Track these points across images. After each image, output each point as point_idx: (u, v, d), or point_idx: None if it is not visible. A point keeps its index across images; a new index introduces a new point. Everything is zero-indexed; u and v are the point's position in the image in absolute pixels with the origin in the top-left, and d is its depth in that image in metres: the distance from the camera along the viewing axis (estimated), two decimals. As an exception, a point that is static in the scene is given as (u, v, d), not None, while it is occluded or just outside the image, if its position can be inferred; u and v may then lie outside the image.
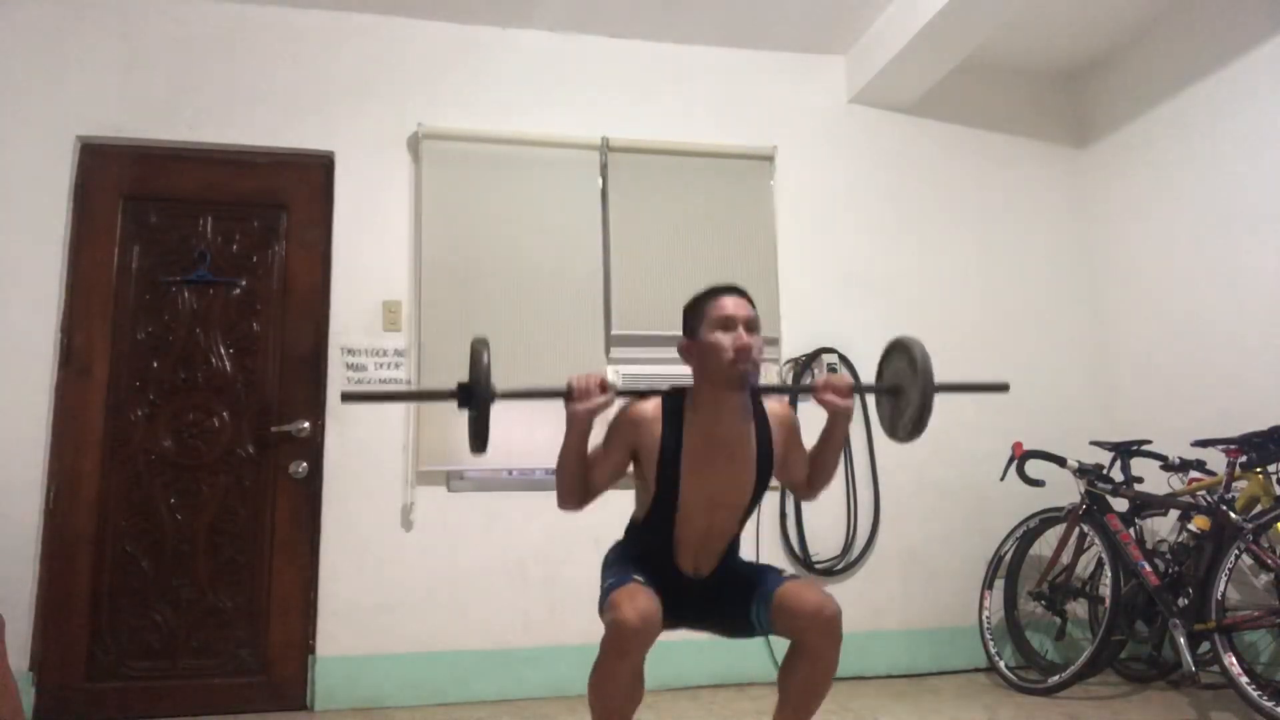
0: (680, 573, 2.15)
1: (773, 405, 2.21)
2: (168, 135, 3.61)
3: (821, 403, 2.14)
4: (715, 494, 2.10)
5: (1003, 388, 2.39)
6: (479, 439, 2.03)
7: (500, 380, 2.04)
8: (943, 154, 4.30)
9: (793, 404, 3.93)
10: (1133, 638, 3.48)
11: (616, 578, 2.03)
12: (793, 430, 2.21)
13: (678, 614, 2.08)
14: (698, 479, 2.08)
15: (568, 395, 2.04)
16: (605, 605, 1.97)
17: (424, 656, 3.46)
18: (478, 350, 2.02)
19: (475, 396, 1.99)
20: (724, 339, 2.04)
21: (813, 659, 2.01)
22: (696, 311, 2.12)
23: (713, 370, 2.06)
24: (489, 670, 3.49)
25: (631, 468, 2.16)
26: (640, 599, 1.90)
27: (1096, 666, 3.33)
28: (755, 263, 3.93)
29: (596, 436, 2.13)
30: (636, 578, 2.00)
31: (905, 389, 2.17)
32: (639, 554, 2.16)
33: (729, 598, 2.15)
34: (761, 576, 2.14)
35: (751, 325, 2.07)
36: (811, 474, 2.25)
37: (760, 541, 3.72)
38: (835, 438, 2.19)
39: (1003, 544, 3.76)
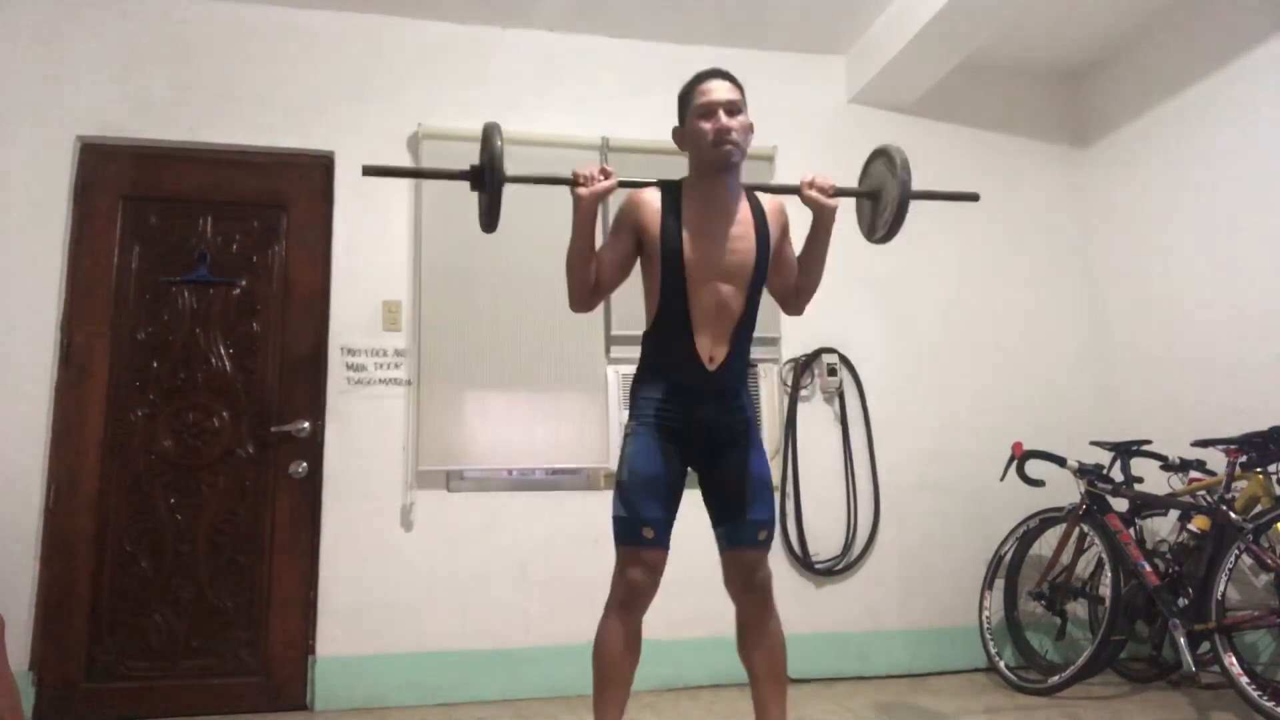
0: (700, 367, 2.18)
1: (765, 197, 2.30)
2: (168, 135, 3.61)
3: (806, 199, 2.26)
4: (718, 262, 2.16)
5: (973, 197, 2.55)
6: (490, 218, 2.22)
7: (501, 377, 2.05)
8: (943, 154, 4.29)
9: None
10: (1133, 638, 3.48)
11: (629, 516, 2.10)
12: (782, 219, 2.31)
13: (690, 450, 2.18)
14: (700, 249, 2.15)
15: (573, 181, 2.16)
16: (617, 558, 2.11)
17: (424, 656, 3.46)
18: (490, 133, 2.16)
19: (487, 178, 2.16)
20: (706, 124, 2.15)
21: (755, 628, 2.17)
22: (685, 99, 2.24)
23: (699, 154, 2.19)
24: (489, 670, 3.49)
25: (639, 266, 2.24)
26: (645, 560, 2.08)
27: (1096, 666, 3.33)
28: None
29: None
30: (646, 534, 2.08)
31: (885, 189, 2.33)
32: (659, 358, 2.21)
33: (723, 485, 2.20)
34: (751, 501, 2.17)
35: (732, 108, 2.17)
36: (800, 276, 2.33)
37: (760, 541, 3.72)
38: (821, 238, 2.29)
39: (1003, 544, 3.76)
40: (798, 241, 2.33)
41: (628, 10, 3.90)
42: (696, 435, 2.19)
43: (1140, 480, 3.60)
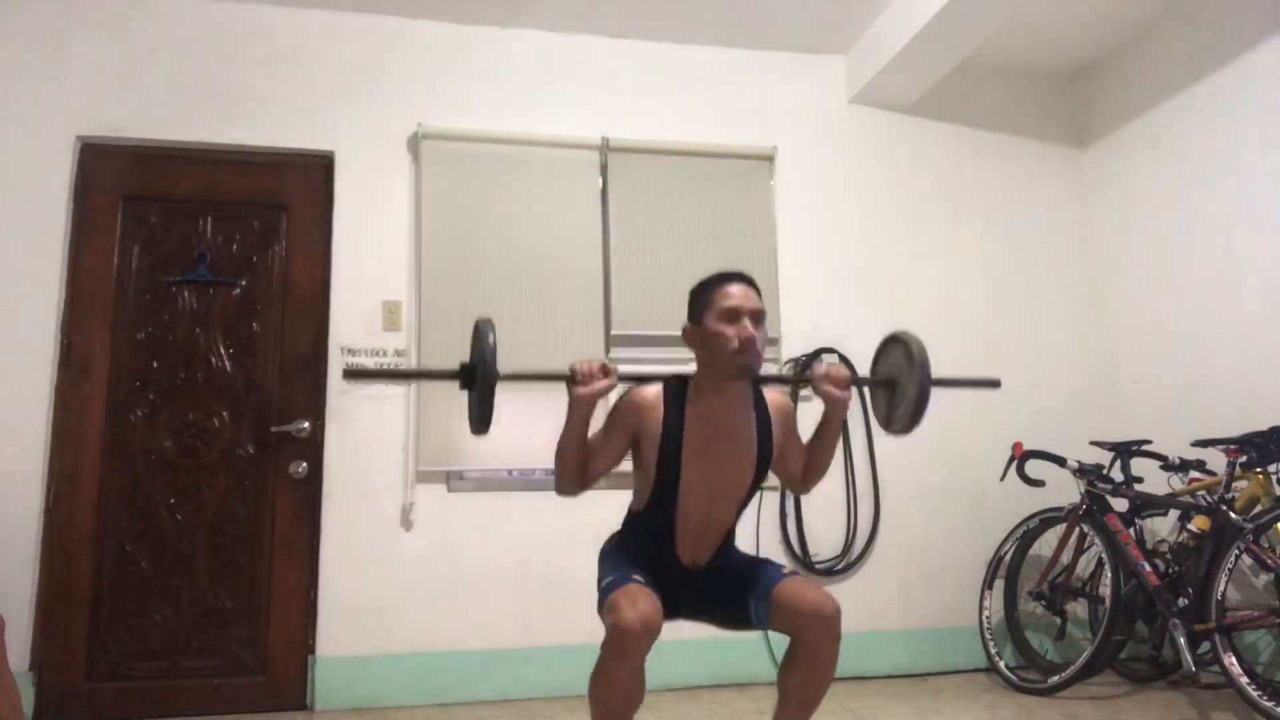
0: (678, 563, 2.15)
1: (772, 395, 2.22)
2: (168, 135, 3.61)
3: (819, 393, 2.16)
4: (715, 482, 2.11)
5: (994, 384, 2.47)
6: (482, 420, 2.04)
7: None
8: (943, 154, 4.30)
9: (793, 398, 3.93)
10: (1133, 638, 3.48)
11: (615, 575, 2.03)
12: (791, 420, 2.23)
13: (676, 606, 2.10)
14: (698, 466, 2.09)
15: (570, 379, 2.04)
16: (605, 607, 1.96)
17: (424, 656, 3.46)
18: (482, 330, 2.02)
19: (479, 377, 1.99)
20: (728, 329, 2.04)
21: (811, 658, 2.02)
22: (702, 297, 2.12)
23: (715, 359, 2.06)
24: (489, 670, 3.49)
25: (630, 456, 2.16)
26: (641, 601, 1.90)
27: (1096, 666, 3.33)
28: (755, 263, 3.91)
29: (597, 423, 2.13)
30: (636, 577, 1.99)
31: (901, 382, 2.20)
32: (637, 545, 2.16)
33: (728, 589, 2.15)
34: (761, 570, 2.15)
35: (757, 317, 2.07)
36: (807, 466, 2.26)
37: (760, 541, 3.72)
38: (832, 429, 2.21)
39: (1003, 544, 3.76)
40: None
41: (628, 10, 3.89)
42: (679, 596, 2.13)
43: (1140, 480, 3.60)
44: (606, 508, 2.32)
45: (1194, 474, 3.47)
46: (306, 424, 3.54)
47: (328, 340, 3.61)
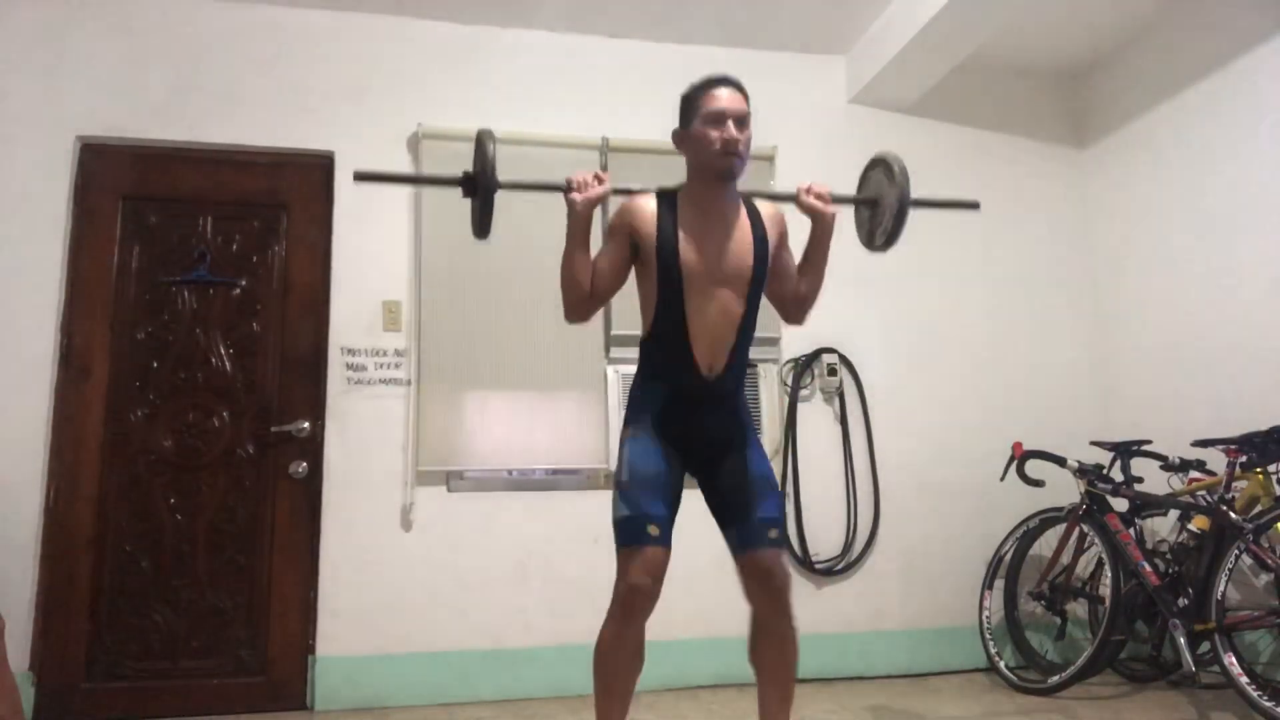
0: (699, 374, 2.15)
1: (764, 205, 2.27)
2: (168, 135, 3.61)
3: (803, 206, 2.25)
4: (716, 268, 2.14)
5: (973, 205, 2.58)
6: (483, 225, 2.18)
7: (501, 377, 2.04)
8: (943, 154, 4.29)
9: (792, 394, 3.93)
10: (1133, 638, 3.48)
11: (630, 512, 2.06)
12: (781, 226, 2.28)
13: (689, 453, 2.15)
14: (697, 255, 2.13)
15: (567, 188, 2.14)
16: (619, 560, 2.05)
17: (424, 656, 3.46)
18: (483, 140, 2.13)
19: (480, 185, 2.13)
20: (713, 132, 2.11)
21: (769, 631, 2.12)
22: (691, 102, 2.19)
23: (701, 160, 2.15)
24: (489, 670, 3.49)
25: (634, 275, 2.21)
26: (650, 559, 2.00)
27: (1096, 666, 3.33)
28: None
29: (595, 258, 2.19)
30: (651, 531, 2.03)
31: (883, 198, 2.32)
32: (657, 368, 2.18)
33: (726, 482, 2.17)
34: (757, 501, 2.14)
35: (741, 120, 2.15)
36: (799, 286, 2.31)
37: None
38: (821, 247, 2.28)
39: (1003, 544, 3.76)
40: (797, 251, 2.31)
41: (628, 10, 3.89)
42: (695, 441, 2.17)
43: (1140, 480, 3.60)
44: (607, 508, 2.31)
45: (1194, 474, 3.46)
46: (306, 424, 3.54)
47: (328, 340, 3.61)
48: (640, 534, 2.05)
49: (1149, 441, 3.65)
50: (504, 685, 3.48)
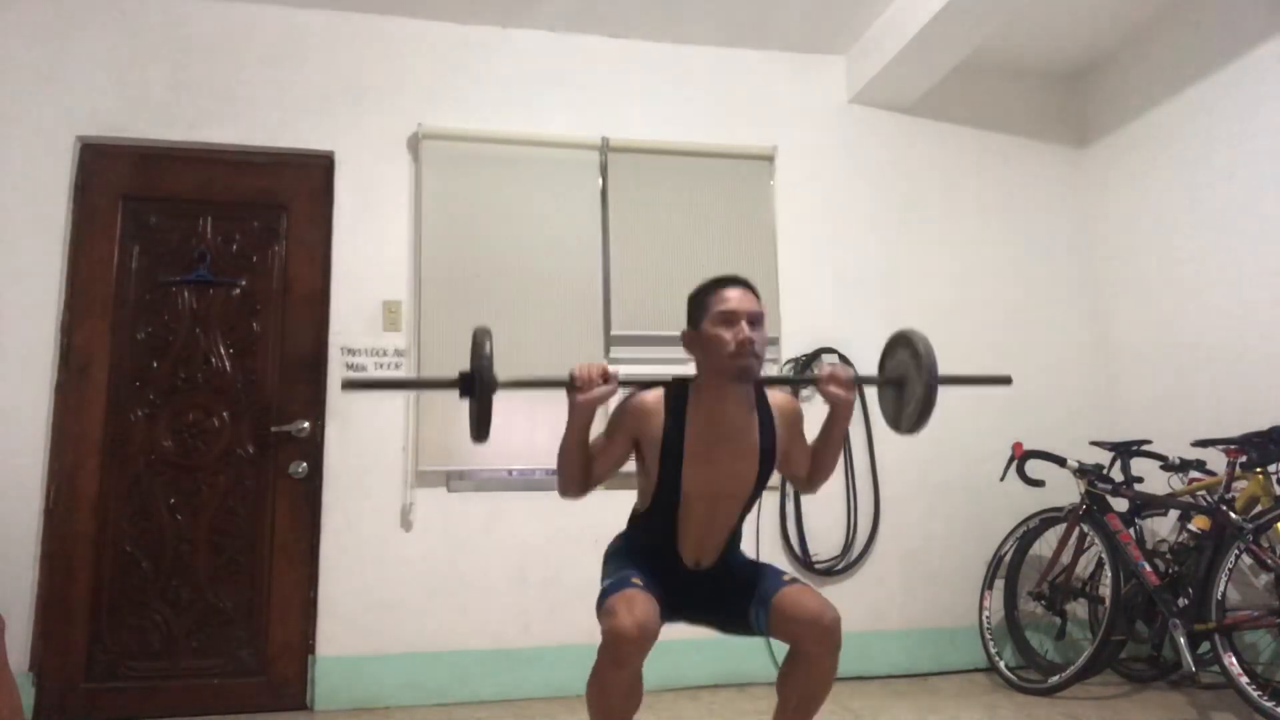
0: (682, 564, 2.15)
1: (776, 396, 2.21)
2: (168, 135, 3.61)
3: (824, 394, 2.15)
4: (717, 484, 2.10)
5: (1005, 380, 2.45)
6: (481, 428, 2.02)
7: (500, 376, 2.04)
8: (943, 154, 4.30)
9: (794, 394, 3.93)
10: (1133, 638, 3.48)
11: (615, 578, 2.02)
12: (796, 421, 2.22)
13: (677, 608, 2.10)
14: (700, 469, 2.08)
15: (570, 385, 2.04)
16: (602, 610, 1.96)
17: (424, 656, 3.46)
18: (480, 339, 2.02)
19: (477, 385, 1.98)
20: (726, 333, 2.03)
21: (810, 665, 2.01)
22: (700, 302, 2.11)
23: (714, 363, 2.06)
24: (489, 670, 3.49)
25: (633, 458, 2.16)
26: (638, 606, 1.89)
27: (1096, 666, 3.33)
28: (755, 263, 3.93)
29: (598, 427, 2.13)
30: (635, 581, 1.98)
31: (909, 381, 2.19)
32: (642, 545, 2.16)
33: (729, 595, 2.15)
34: (761, 576, 2.14)
35: (755, 319, 2.06)
36: (813, 467, 2.26)
37: (760, 541, 3.71)
38: (837, 430, 2.20)
39: (1003, 544, 3.76)
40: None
41: (628, 10, 3.89)
42: (679, 598, 2.12)
43: (1140, 480, 3.60)
44: (607, 508, 2.32)
45: (1194, 474, 3.47)
46: (306, 424, 3.54)
47: (328, 340, 3.61)
48: (623, 584, 1.98)
49: (1149, 441, 3.65)
50: (504, 685, 3.48)
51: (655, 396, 2.12)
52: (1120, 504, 3.51)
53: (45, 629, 3.26)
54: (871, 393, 4.00)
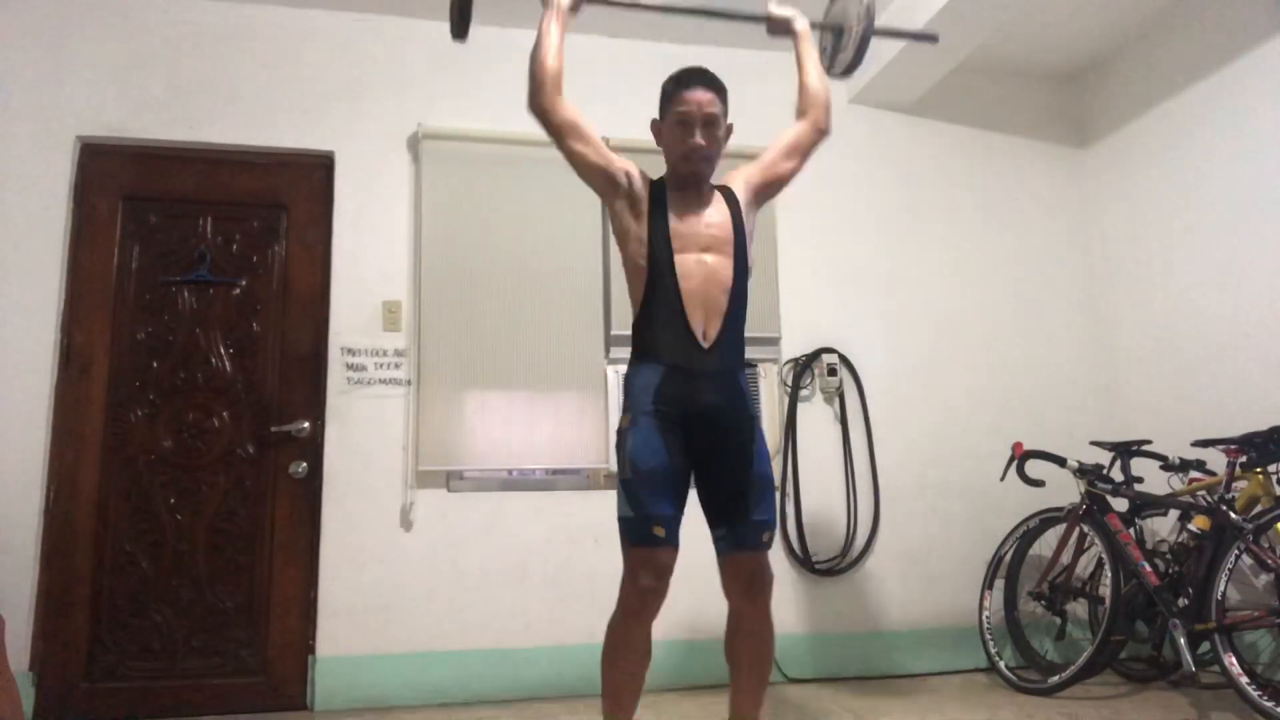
0: (695, 344, 2.15)
1: (731, 176, 2.40)
2: (168, 135, 3.61)
3: (771, 25, 2.55)
4: (702, 231, 2.22)
5: (932, 38, 2.86)
6: (461, 25, 2.28)
7: (501, 377, 2.05)
8: (943, 154, 4.30)
9: (792, 403, 3.93)
10: (1133, 638, 3.48)
11: (637, 516, 2.04)
12: (749, 170, 2.43)
13: (690, 435, 2.13)
14: (684, 221, 2.22)
15: None
16: (625, 568, 2.06)
17: (424, 656, 3.46)
18: None
19: None
20: (679, 135, 2.22)
21: (750, 631, 2.13)
22: (666, 96, 2.31)
23: (669, 160, 2.29)
24: (489, 670, 3.49)
25: (617, 248, 2.29)
26: (657, 561, 2.02)
27: (1096, 666, 3.33)
28: (755, 263, 3.91)
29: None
30: (657, 531, 2.02)
31: (847, 23, 2.52)
32: (651, 343, 2.17)
33: (730, 475, 2.16)
34: (755, 502, 2.15)
35: (710, 121, 2.23)
36: (802, 99, 2.50)
37: (760, 541, 3.71)
38: (802, 50, 2.49)
39: (1003, 544, 3.76)
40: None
41: (628, 10, 3.88)
42: (697, 424, 2.13)
43: (1140, 480, 3.60)
44: (607, 508, 2.32)
45: (1194, 474, 3.47)
46: (306, 424, 3.54)
47: (328, 340, 3.61)
48: (646, 535, 2.02)
49: (1149, 441, 3.65)
50: (504, 685, 3.48)
51: (647, 177, 2.31)
52: (1120, 504, 3.51)
53: (45, 628, 3.26)
54: (869, 383, 4.02)
